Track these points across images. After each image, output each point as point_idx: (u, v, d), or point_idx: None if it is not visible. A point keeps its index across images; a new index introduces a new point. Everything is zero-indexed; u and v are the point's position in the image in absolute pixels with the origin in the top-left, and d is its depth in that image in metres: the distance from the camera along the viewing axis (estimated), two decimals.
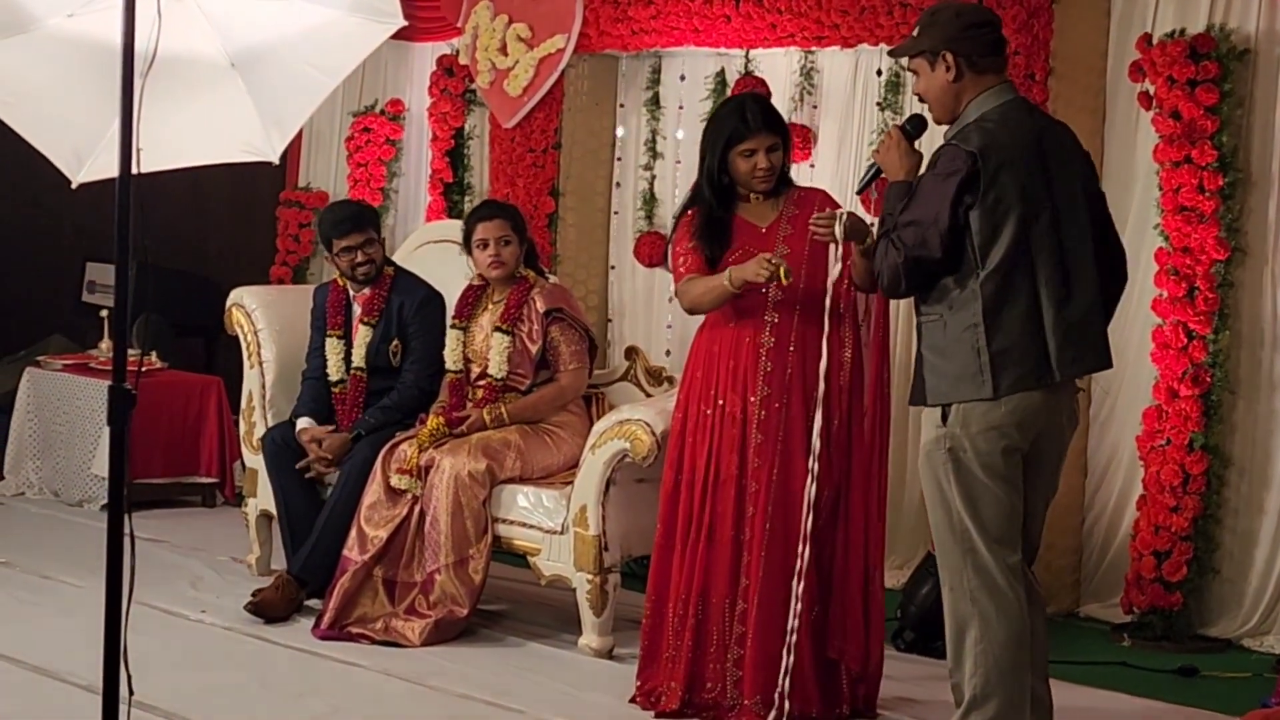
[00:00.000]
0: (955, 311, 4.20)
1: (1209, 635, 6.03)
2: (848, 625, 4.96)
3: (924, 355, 4.30)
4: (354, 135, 8.40)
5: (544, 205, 7.58)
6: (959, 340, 4.19)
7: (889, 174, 4.41)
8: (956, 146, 4.18)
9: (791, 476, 4.87)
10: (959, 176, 4.13)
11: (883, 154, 4.44)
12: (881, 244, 4.28)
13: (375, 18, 3.94)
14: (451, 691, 5.21)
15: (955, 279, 4.20)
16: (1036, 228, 4.19)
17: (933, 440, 4.28)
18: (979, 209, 4.14)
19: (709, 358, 5.04)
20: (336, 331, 6.35)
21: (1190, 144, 5.85)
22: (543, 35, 7.48)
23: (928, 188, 4.21)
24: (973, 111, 4.27)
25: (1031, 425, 4.23)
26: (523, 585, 6.30)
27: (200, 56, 3.92)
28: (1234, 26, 5.95)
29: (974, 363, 4.17)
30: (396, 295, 6.32)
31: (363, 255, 6.28)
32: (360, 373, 6.30)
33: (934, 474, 4.29)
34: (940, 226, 4.14)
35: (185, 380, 8.07)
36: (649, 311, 7.59)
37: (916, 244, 4.18)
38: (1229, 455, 6.03)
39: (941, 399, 4.24)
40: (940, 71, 4.29)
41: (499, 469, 5.80)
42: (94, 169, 4.00)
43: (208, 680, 5.24)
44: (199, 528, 7.46)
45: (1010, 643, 4.24)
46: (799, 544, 4.79)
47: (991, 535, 4.23)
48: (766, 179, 5.00)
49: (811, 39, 6.79)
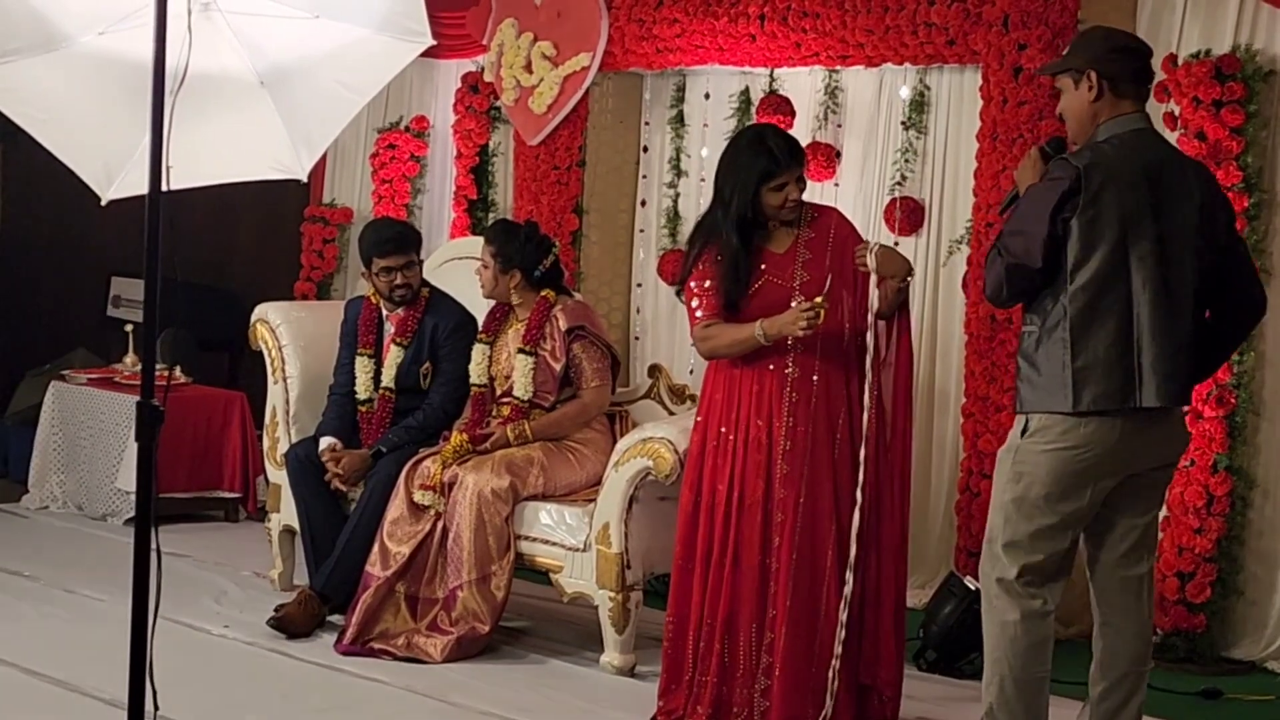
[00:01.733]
0: (1048, 325, 4.23)
1: (1233, 657, 6.01)
2: (881, 652, 4.95)
3: (1019, 365, 4.34)
4: (379, 152, 8.43)
5: (568, 223, 7.59)
6: (1050, 351, 4.22)
7: (1021, 188, 4.42)
8: (1065, 160, 4.23)
9: (818, 506, 4.85)
10: (1061, 188, 4.17)
11: (1018, 173, 4.47)
12: (991, 253, 4.31)
13: (404, 36, 3.95)
14: (473, 708, 5.21)
15: (1050, 291, 4.23)
16: (1136, 252, 4.19)
17: (1007, 449, 4.34)
18: (1076, 223, 4.16)
19: (730, 381, 5.00)
20: (368, 350, 6.35)
21: (1216, 165, 5.84)
22: (568, 53, 7.50)
23: (1033, 197, 4.25)
24: (1102, 134, 4.30)
25: (1113, 451, 4.22)
26: (545, 602, 6.30)
27: (230, 75, 3.93)
28: (1259, 47, 5.95)
29: (1060, 375, 4.20)
30: (431, 316, 6.33)
31: (402, 278, 6.28)
32: (389, 393, 6.30)
33: (1003, 476, 4.33)
34: (1039, 234, 4.18)
35: (209, 395, 8.09)
36: (672, 329, 7.59)
37: (1020, 252, 4.21)
38: (1253, 477, 6.02)
39: (1030, 408, 4.27)
40: (1083, 90, 4.31)
41: (522, 486, 5.81)
42: (124, 186, 4.02)
43: (230, 695, 5.25)
44: (222, 543, 7.48)
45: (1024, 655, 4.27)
46: (829, 574, 4.80)
47: (1027, 554, 4.26)
48: (795, 210, 4.99)
49: (836, 58, 6.80)
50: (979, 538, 6.27)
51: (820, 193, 6.87)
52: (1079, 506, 4.27)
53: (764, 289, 4.93)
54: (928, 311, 6.82)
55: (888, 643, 4.95)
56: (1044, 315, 4.24)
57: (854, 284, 4.93)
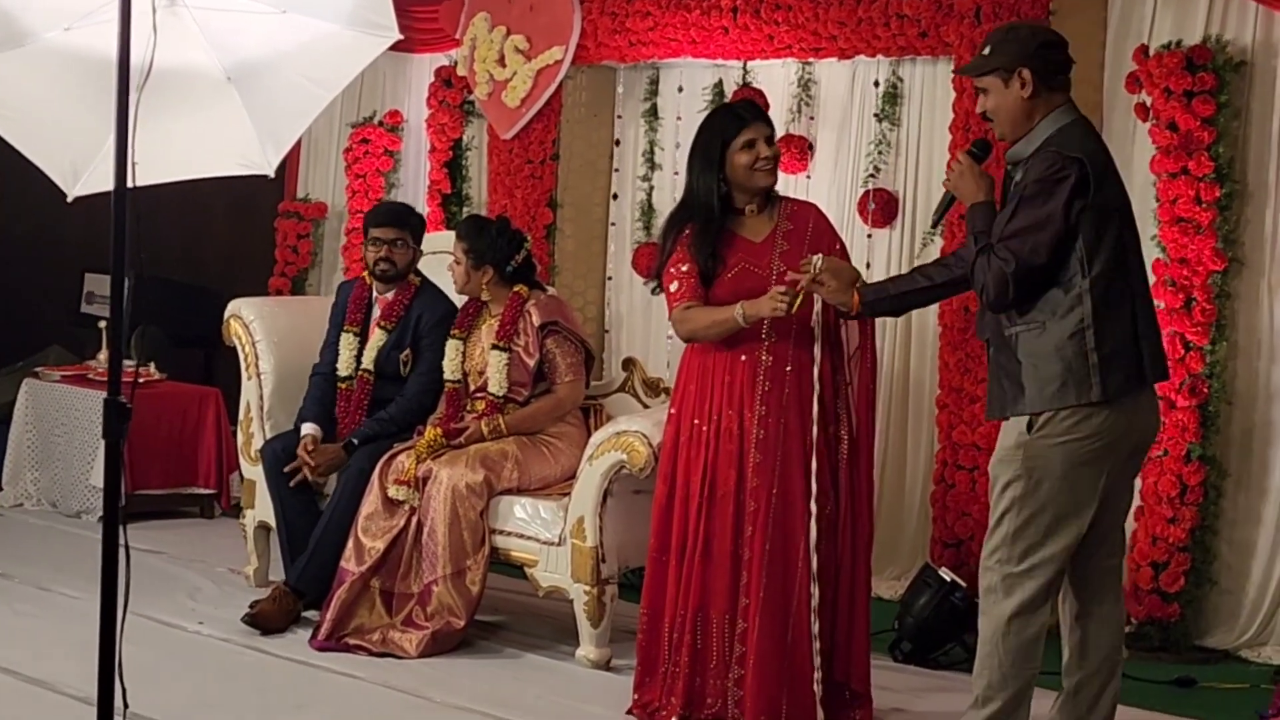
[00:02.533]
0: (1059, 318, 4.21)
1: (1207, 646, 6.03)
2: (853, 646, 4.96)
3: (1022, 364, 4.27)
4: (352, 146, 8.41)
5: (542, 216, 7.58)
6: (1064, 345, 4.20)
7: (965, 198, 4.42)
8: (1057, 152, 4.20)
9: (790, 496, 4.86)
10: (1071, 181, 4.16)
11: (955, 181, 4.46)
12: (981, 260, 4.26)
13: (371, 31, 3.94)
14: (448, 703, 5.21)
15: (1059, 285, 4.21)
16: (1128, 233, 4.27)
17: (1012, 446, 4.29)
18: (1089, 213, 4.18)
19: (703, 372, 5.01)
20: (354, 328, 6.37)
21: (1187, 155, 5.87)
22: (541, 47, 7.50)
23: (1035, 195, 4.20)
24: (1047, 127, 4.30)
25: (1121, 435, 4.26)
26: (520, 596, 6.31)
27: (196, 70, 3.92)
28: (1230, 38, 5.96)
29: (1083, 367, 4.19)
30: (418, 306, 6.34)
31: (387, 252, 6.32)
32: (367, 374, 6.31)
33: (1006, 477, 4.30)
34: (1053, 231, 4.16)
35: (183, 391, 8.08)
36: (647, 322, 7.59)
37: (1027, 252, 4.18)
38: (1226, 466, 6.04)
39: (1044, 405, 4.23)
40: (1014, 89, 4.31)
41: (496, 480, 5.80)
42: (90, 182, 4.01)
43: (205, 692, 5.23)
44: (197, 539, 7.46)
45: (1019, 652, 4.28)
46: (802, 563, 4.81)
47: (1038, 547, 4.26)
48: (770, 170, 4.96)
49: (809, 50, 6.81)
50: (954, 529, 6.30)
51: (794, 185, 6.88)
52: (1093, 495, 4.26)
53: (740, 276, 4.93)
54: None
55: (861, 635, 4.97)
56: (1053, 309, 4.22)
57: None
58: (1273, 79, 5.95)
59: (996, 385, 4.38)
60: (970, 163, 4.44)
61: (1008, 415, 4.33)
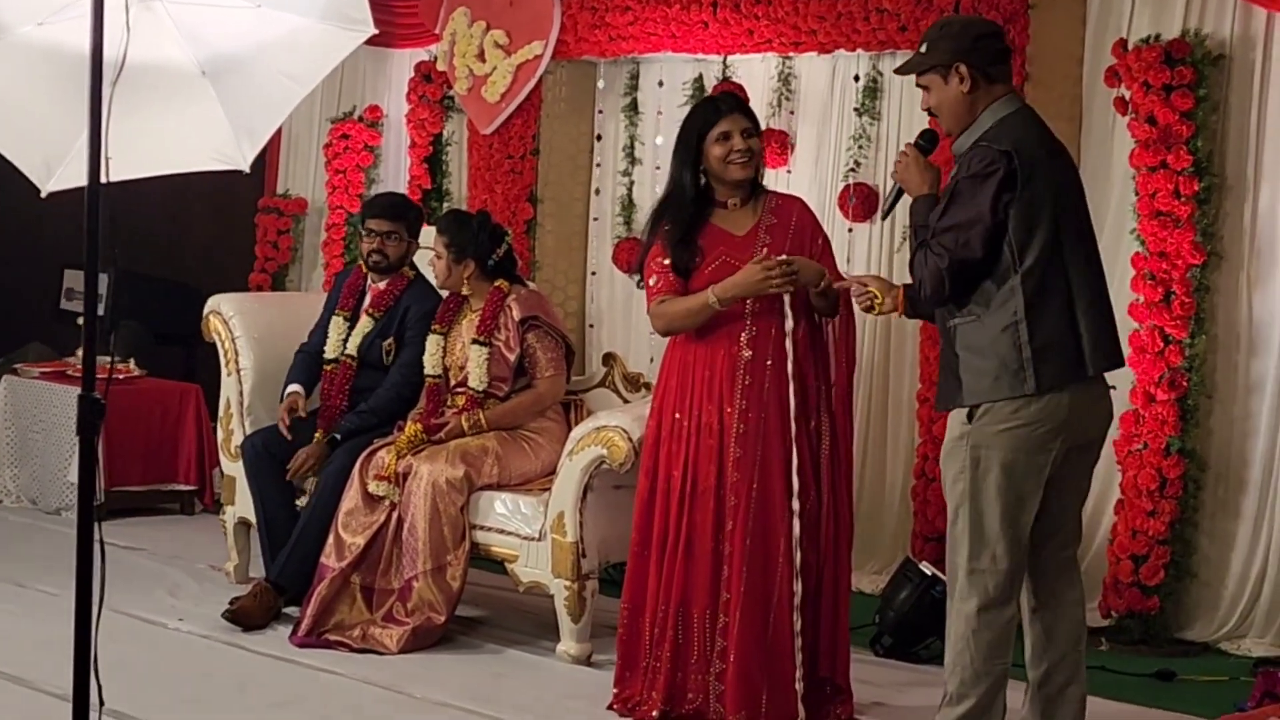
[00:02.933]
0: (994, 311, 4.22)
1: (1186, 639, 6.04)
2: (838, 641, 4.96)
3: (959, 356, 4.29)
4: (332, 142, 8.39)
5: (522, 211, 7.58)
6: (998, 339, 4.21)
7: (911, 190, 4.43)
8: (988, 146, 4.21)
9: (771, 491, 4.85)
10: (998, 175, 4.16)
11: (902, 173, 4.45)
12: (920, 254, 4.27)
13: (346, 25, 3.94)
14: (429, 699, 5.20)
15: (993, 278, 4.22)
16: (1065, 224, 4.25)
17: (956, 439, 4.30)
18: (1017, 206, 4.17)
19: (684, 367, 5.00)
20: (345, 312, 6.40)
21: (1166, 149, 5.87)
22: (520, 42, 7.49)
23: (964, 191, 4.22)
24: (988, 119, 4.30)
25: (1065, 423, 4.25)
26: (501, 592, 6.30)
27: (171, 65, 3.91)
28: (1209, 32, 5.97)
29: (1015, 359, 4.19)
30: (407, 298, 6.35)
31: (380, 244, 6.34)
32: (350, 360, 6.31)
33: (953, 471, 4.31)
34: (982, 226, 4.17)
35: (163, 387, 8.06)
36: (628, 317, 7.58)
37: (958, 246, 4.19)
38: (1205, 459, 6.05)
39: (980, 398, 4.24)
40: (954, 84, 4.31)
41: (477, 475, 5.80)
42: (64, 178, 3.99)
43: (185, 689, 5.22)
44: (177, 535, 7.45)
45: (990, 646, 4.27)
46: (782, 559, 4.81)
47: (994, 538, 4.26)
48: (745, 164, 4.95)
49: (789, 45, 6.81)
50: (935, 523, 6.30)
51: (774, 180, 6.86)
52: (1038, 481, 4.27)
53: (720, 269, 4.92)
54: None
55: (844, 631, 4.97)
56: (987, 302, 4.22)
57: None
58: (1251, 72, 5.95)
59: (942, 378, 4.41)
60: (916, 154, 4.44)
61: (951, 407, 4.35)
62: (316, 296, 6.99)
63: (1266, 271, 5.96)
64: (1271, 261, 5.95)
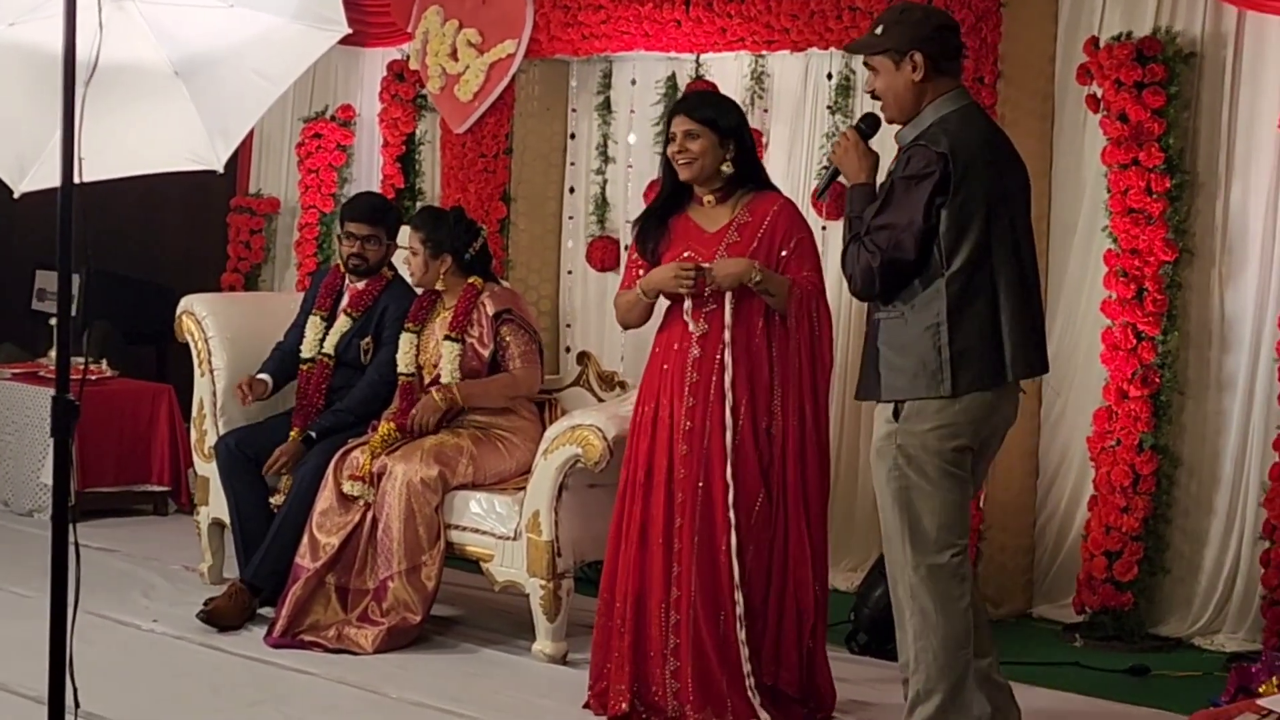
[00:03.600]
0: (918, 310, 4.23)
1: (1160, 634, 6.06)
2: (782, 649, 4.94)
3: (880, 351, 4.32)
4: (305, 141, 8.38)
5: (496, 210, 7.57)
6: (919, 338, 4.23)
7: (848, 176, 4.43)
8: (926, 148, 4.20)
9: (713, 492, 4.87)
10: (933, 178, 4.17)
11: (840, 156, 4.45)
12: (853, 247, 4.28)
13: (319, 25, 3.93)
14: (405, 699, 5.20)
15: (921, 278, 4.23)
16: (997, 229, 4.25)
17: (884, 437, 4.32)
18: (948, 209, 4.18)
19: (653, 361, 5.06)
20: (322, 312, 6.39)
21: (1138, 146, 5.89)
22: (493, 40, 7.48)
23: (900, 191, 4.22)
24: (931, 114, 4.30)
25: (982, 424, 4.30)
26: (476, 591, 6.29)
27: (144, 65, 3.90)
28: (1180, 29, 5.99)
29: (934, 360, 4.21)
30: (386, 298, 6.34)
31: (360, 247, 6.32)
32: (327, 359, 6.30)
33: (884, 470, 4.33)
34: (915, 229, 4.18)
35: (136, 388, 8.04)
36: (602, 316, 7.58)
37: (890, 246, 4.20)
38: (1178, 455, 6.07)
39: (897, 395, 4.27)
40: (905, 71, 4.30)
41: (451, 475, 5.79)
42: (37, 178, 3.98)
43: (160, 690, 5.21)
44: (151, 536, 7.43)
45: (950, 639, 4.29)
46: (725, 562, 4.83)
47: (936, 532, 4.28)
48: (683, 165, 4.97)
49: (762, 43, 6.81)
50: None
51: None
52: (968, 476, 4.33)
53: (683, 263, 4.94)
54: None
55: (790, 638, 4.93)
56: (913, 301, 4.24)
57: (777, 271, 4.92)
58: (1222, 70, 5.98)
59: (863, 369, 4.43)
60: (856, 139, 4.44)
61: (868, 399, 4.39)
62: (289, 296, 6.98)
63: (1238, 268, 5.99)
64: (1243, 258, 5.97)
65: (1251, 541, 5.94)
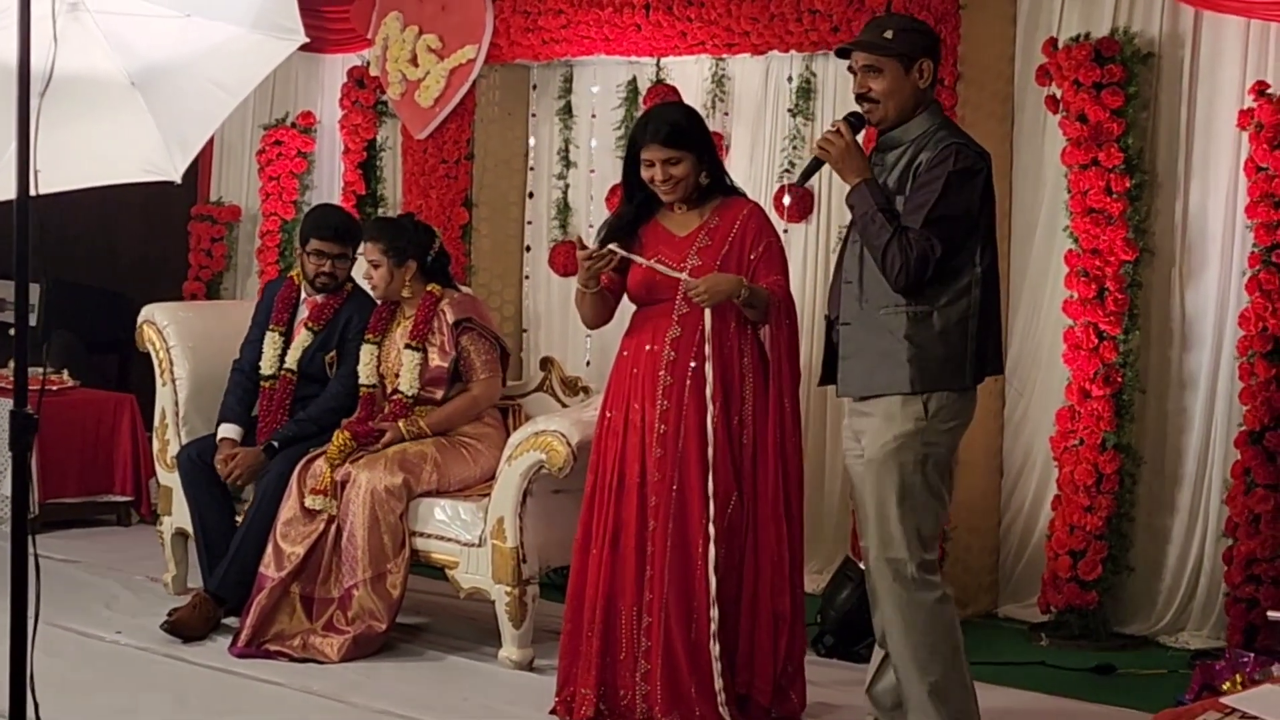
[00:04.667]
0: (951, 303, 4.31)
1: (1125, 633, 6.09)
2: (756, 658, 4.94)
3: (904, 345, 4.32)
4: (265, 149, 8.35)
5: (457, 216, 7.56)
6: (949, 331, 4.31)
7: (848, 174, 4.44)
8: (968, 146, 4.34)
9: (688, 498, 4.86)
10: (983, 175, 4.32)
11: (836, 156, 4.46)
12: (897, 240, 4.27)
13: (277, 34, 3.91)
14: (371, 707, 5.18)
15: (954, 272, 4.30)
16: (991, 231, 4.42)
17: (910, 433, 4.34)
18: (986, 206, 4.35)
19: (620, 365, 5.05)
20: (280, 327, 6.32)
21: (1097, 146, 5.91)
22: (453, 46, 7.47)
23: (955, 185, 4.27)
24: (927, 119, 4.42)
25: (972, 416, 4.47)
26: (441, 599, 6.28)
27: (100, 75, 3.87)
28: (1138, 30, 6.02)
29: (962, 353, 4.32)
30: (348, 309, 6.30)
31: (330, 266, 6.26)
32: (290, 374, 6.26)
33: (899, 468, 4.35)
34: (970, 222, 4.29)
35: (97, 398, 7.99)
36: (565, 321, 7.57)
37: (948, 239, 4.26)
38: (1140, 454, 6.09)
39: (924, 386, 4.31)
40: (914, 77, 4.42)
41: (415, 482, 5.78)
42: None
43: (123, 702, 5.18)
44: (114, 547, 7.39)
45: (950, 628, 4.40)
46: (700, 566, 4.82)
47: (933, 531, 4.41)
48: (668, 191, 4.98)
49: (722, 46, 6.81)
50: None
51: None
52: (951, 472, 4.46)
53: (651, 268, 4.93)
54: (819, 298, 6.83)
55: (764, 647, 4.93)
56: (947, 295, 4.30)
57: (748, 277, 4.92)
58: (1180, 70, 6.00)
59: (858, 363, 4.42)
60: (852, 137, 4.47)
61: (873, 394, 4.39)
62: (251, 305, 6.94)
63: (1198, 266, 6.01)
64: (1202, 256, 6.00)
65: (1214, 539, 5.96)
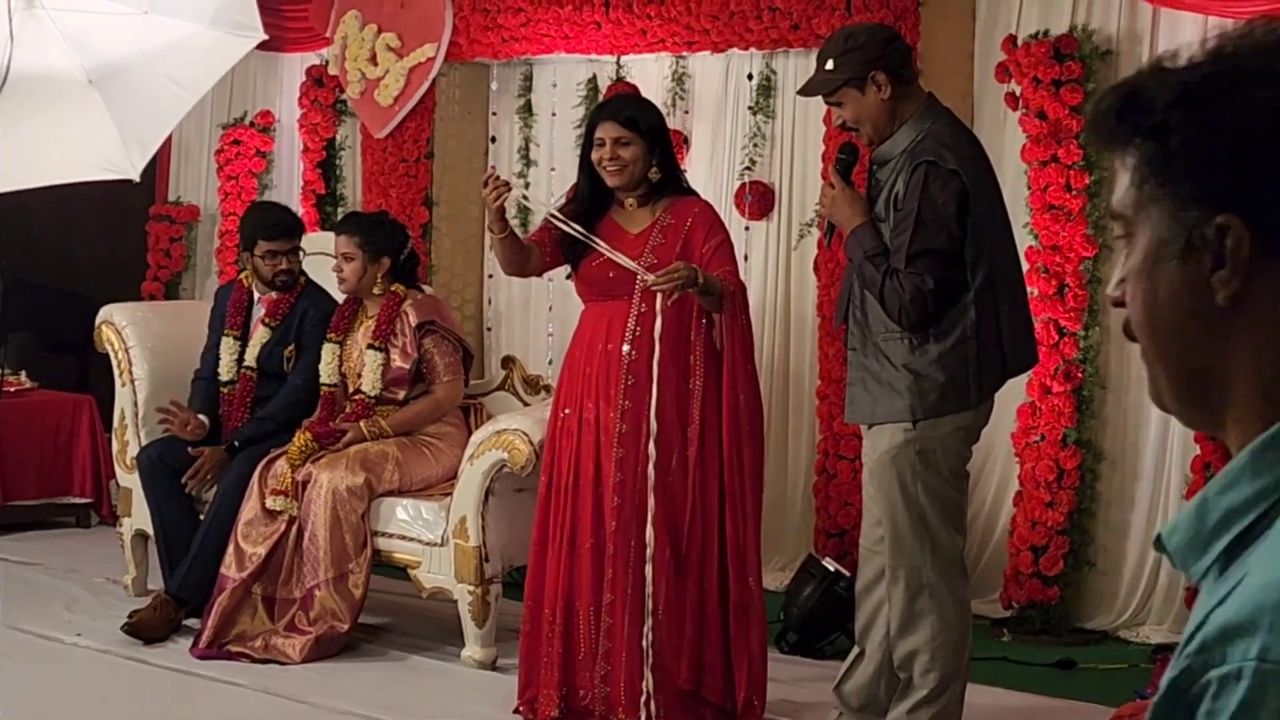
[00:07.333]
0: (944, 328, 4.23)
1: (1087, 628, 6.11)
2: (705, 656, 4.93)
3: (901, 373, 4.26)
4: (224, 148, 8.31)
5: (418, 215, 7.54)
6: (948, 355, 4.23)
7: (843, 226, 4.39)
8: (938, 166, 4.17)
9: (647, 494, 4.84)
10: (955, 200, 4.16)
11: (830, 209, 4.43)
12: (890, 282, 4.20)
13: (235, 31, 3.90)
14: (333, 708, 5.16)
15: (950, 297, 4.23)
16: (996, 232, 4.30)
17: (901, 444, 4.30)
18: (970, 226, 4.19)
19: (572, 363, 5.02)
20: (234, 332, 6.29)
21: (1056, 143, 5.94)
22: (412, 44, 7.45)
23: (928, 215, 4.17)
24: (913, 127, 4.28)
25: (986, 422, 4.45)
26: (404, 598, 6.26)
27: (57, 74, 3.85)
28: (1096, 27, 6.05)
29: (964, 376, 4.24)
30: (303, 303, 6.28)
31: (286, 263, 6.24)
32: (250, 372, 6.23)
33: (897, 475, 4.32)
34: (953, 251, 4.18)
35: (56, 399, 7.94)
36: (526, 319, 7.57)
37: (933, 270, 4.17)
38: (1101, 449, 6.12)
39: (925, 414, 4.26)
40: (872, 94, 4.27)
41: (377, 482, 5.76)
42: None
43: (83, 704, 5.15)
44: (73, 549, 7.34)
45: (964, 623, 4.40)
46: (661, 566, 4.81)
47: (951, 530, 4.37)
48: (614, 172, 4.91)
49: (682, 44, 6.82)
50: (836, 519, 6.34)
51: None
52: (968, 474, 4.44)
53: (606, 264, 4.92)
54: (780, 295, 6.85)
55: (714, 646, 4.93)
56: (938, 320, 4.23)
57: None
58: (1137, 67, 6.00)
59: (863, 390, 4.38)
60: (842, 186, 4.39)
61: (877, 422, 4.35)
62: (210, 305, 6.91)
63: None
64: None
65: None
